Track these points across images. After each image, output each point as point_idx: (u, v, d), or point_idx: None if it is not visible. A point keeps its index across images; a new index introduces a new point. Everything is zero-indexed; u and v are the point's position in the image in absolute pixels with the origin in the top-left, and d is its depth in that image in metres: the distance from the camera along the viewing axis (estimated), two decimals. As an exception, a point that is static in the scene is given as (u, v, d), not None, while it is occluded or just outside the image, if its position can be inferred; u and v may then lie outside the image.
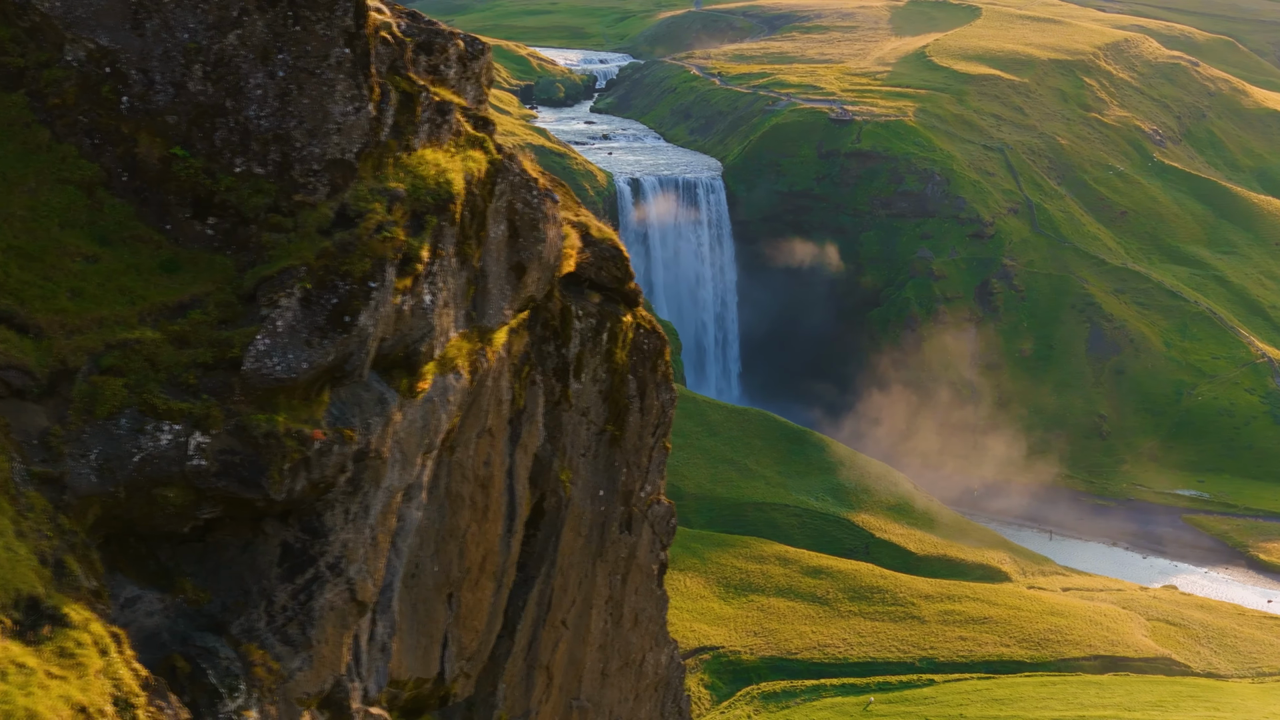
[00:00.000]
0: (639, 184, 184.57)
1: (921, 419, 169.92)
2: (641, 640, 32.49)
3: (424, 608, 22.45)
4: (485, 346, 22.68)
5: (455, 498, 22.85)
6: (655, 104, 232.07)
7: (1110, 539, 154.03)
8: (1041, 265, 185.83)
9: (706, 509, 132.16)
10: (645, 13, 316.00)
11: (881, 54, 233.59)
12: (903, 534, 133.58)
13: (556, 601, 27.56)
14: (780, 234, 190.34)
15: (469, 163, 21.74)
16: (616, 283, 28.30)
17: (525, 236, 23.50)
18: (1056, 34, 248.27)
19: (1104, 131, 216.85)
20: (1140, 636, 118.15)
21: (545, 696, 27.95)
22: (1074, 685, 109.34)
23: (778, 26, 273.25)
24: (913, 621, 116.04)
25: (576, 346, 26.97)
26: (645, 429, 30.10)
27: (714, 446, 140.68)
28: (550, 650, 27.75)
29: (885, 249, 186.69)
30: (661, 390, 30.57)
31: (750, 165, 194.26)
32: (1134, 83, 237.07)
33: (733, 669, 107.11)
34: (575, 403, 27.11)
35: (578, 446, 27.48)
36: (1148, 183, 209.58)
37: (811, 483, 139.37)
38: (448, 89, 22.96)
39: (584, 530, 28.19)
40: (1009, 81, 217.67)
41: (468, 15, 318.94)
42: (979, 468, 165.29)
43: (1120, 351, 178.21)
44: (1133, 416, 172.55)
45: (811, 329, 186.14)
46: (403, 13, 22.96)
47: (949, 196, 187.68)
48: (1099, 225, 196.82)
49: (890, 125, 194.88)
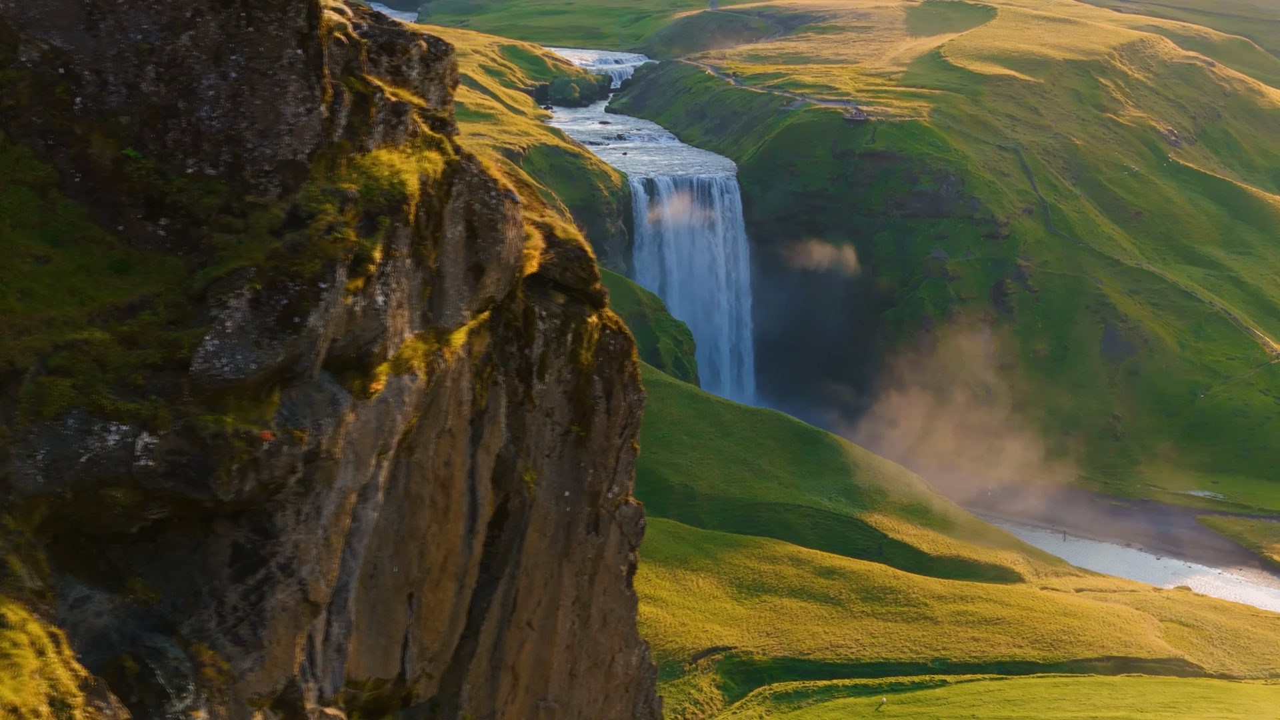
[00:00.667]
0: (653, 184, 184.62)
1: (936, 420, 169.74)
2: (611, 641, 32.40)
3: (383, 608, 22.43)
4: (443, 347, 22.63)
5: (415, 498, 22.82)
6: (670, 104, 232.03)
7: (1124, 540, 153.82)
8: (1056, 266, 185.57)
9: (719, 509, 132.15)
10: (660, 13, 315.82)
11: (896, 54, 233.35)
12: (916, 535, 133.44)
13: (522, 602, 27.50)
14: (795, 234, 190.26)
15: (425, 163, 21.73)
16: (581, 283, 28.19)
17: (484, 237, 23.43)
18: (1072, 34, 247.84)
19: (1119, 132, 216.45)
20: (1153, 637, 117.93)
21: (511, 697, 27.88)
22: (1086, 686, 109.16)
23: (793, 27, 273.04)
24: (925, 622, 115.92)
25: (540, 347, 26.89)
26: (612, 430, 30.00)
27: (727, 447, 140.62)
28: (516, 651, 27.68)
29: (900, 249, 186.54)
30: (629, 391, 30.47)
31: (765, 165, 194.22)
32: (1149, 83, 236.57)
33: (745, 669, 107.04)
34: (539, 403, 27.04)
35: (542, 447, 27.42)
36: (1163, 183, 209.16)
37: (825, 483, 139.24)
38: (409, 90, 22.92)
39: (549, 531, 28.11)
40: (1024, 82, 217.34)
41: (483, 15, 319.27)
42: (993, 468, 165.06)
43: (1135, 352, 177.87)
44: (1147, 417, 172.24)
45: (826, 329, 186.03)
46: (366, 13, 22.92)
47: (963, 197, 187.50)
48: (1114, 226, 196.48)
49: (905, 125, 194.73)
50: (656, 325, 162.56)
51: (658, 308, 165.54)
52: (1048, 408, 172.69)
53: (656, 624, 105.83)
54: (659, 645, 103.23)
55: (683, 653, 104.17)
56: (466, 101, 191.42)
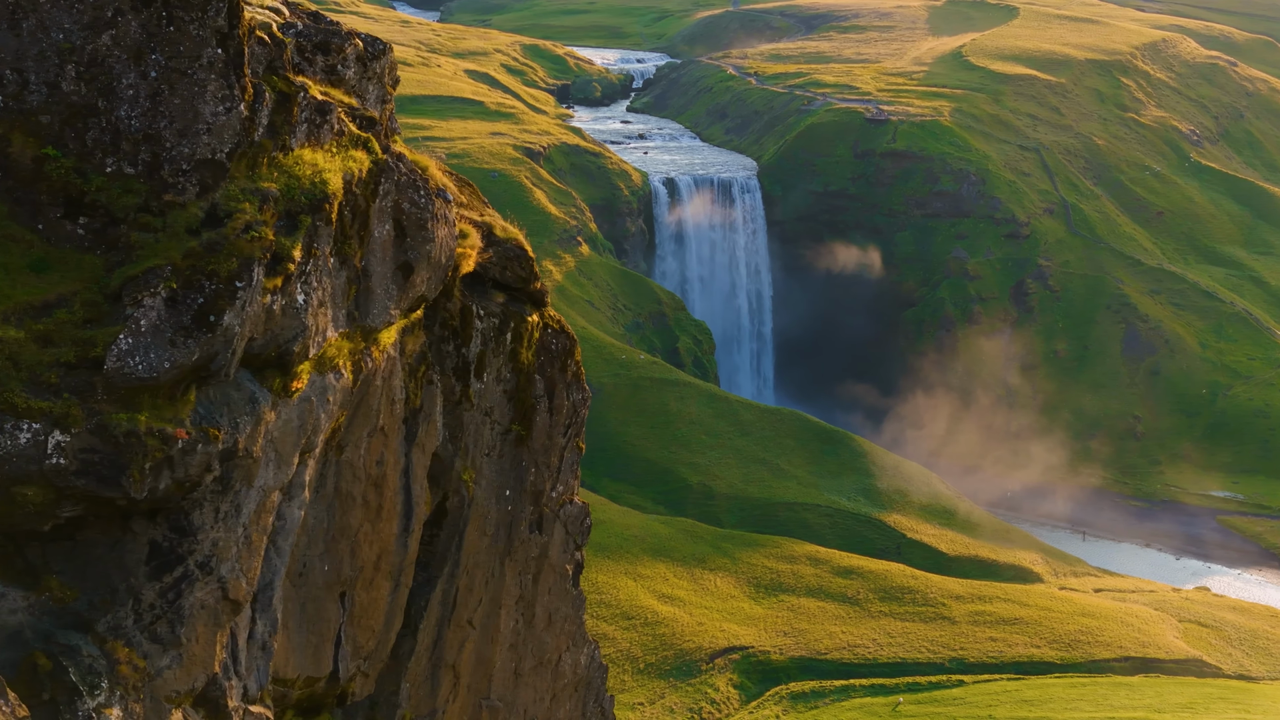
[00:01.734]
0: (674, 183, 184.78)
1: (956, 420, 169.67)
2: (557, 640, 32.53)
3: (313, 606, 22.63)
4: (370, 346, 22.82)
5: (346, 497, 23.01)
6: (691, 104, 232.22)
7: (1144, 540, 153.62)
8: (1077, 266, 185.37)
9: (738, 509, 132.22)
10: (683, 12, 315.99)
11: (918, 54, 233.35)
12: (935, 534, 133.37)
13: (462, 601, 27.69)
14: (815, 234, 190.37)
15: (350, 162, 21.92)
16: (521, 282, 28.42)
17: (413, 236, 23.58)
18: (1094, 34, 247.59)
19: (1141, 132, 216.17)
20: (1172, 638, 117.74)
21: (453, 696, 28.07)
22: (1104, 687, 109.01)
23: (815, 26, 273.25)
24: (943, 622, 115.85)
25: (478, 346, 27.05)
26: (555, 429, 30.18)
27: (746, 446, 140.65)
28: (457, 650, 27.86)
29: (920, 249, 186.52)
30: (572, 390, 30.65)
31: (786, 165, 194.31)
32: (1171, 83, 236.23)
33: (762, 669, 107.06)
34: (477, 402, 27.18)
35: (481, 446, 27.56)
36: (1184, 183, 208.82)
37: (844, 483, 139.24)
38: (344, 89, 23.21)
39: (489, 530, 28.27)
40: (1045, 81, 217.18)
41: (505, 15, 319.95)
42: (1014, 469, 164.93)
43: (1156, 352, 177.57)
44: (1168, 418, 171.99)
45: (847, 329, 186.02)
46: (306, 12, 23.23)
47: (984, 197, 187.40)
48: (1135, 225, 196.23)
49: (926, 125, 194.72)
50: (676, 324, 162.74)
51: (677, 307, 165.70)
52: (1068, 408, 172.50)
53: (674, 623, 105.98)
54: (676, 645, 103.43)
55: (700, 652, 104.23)
56: (487, 101, 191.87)
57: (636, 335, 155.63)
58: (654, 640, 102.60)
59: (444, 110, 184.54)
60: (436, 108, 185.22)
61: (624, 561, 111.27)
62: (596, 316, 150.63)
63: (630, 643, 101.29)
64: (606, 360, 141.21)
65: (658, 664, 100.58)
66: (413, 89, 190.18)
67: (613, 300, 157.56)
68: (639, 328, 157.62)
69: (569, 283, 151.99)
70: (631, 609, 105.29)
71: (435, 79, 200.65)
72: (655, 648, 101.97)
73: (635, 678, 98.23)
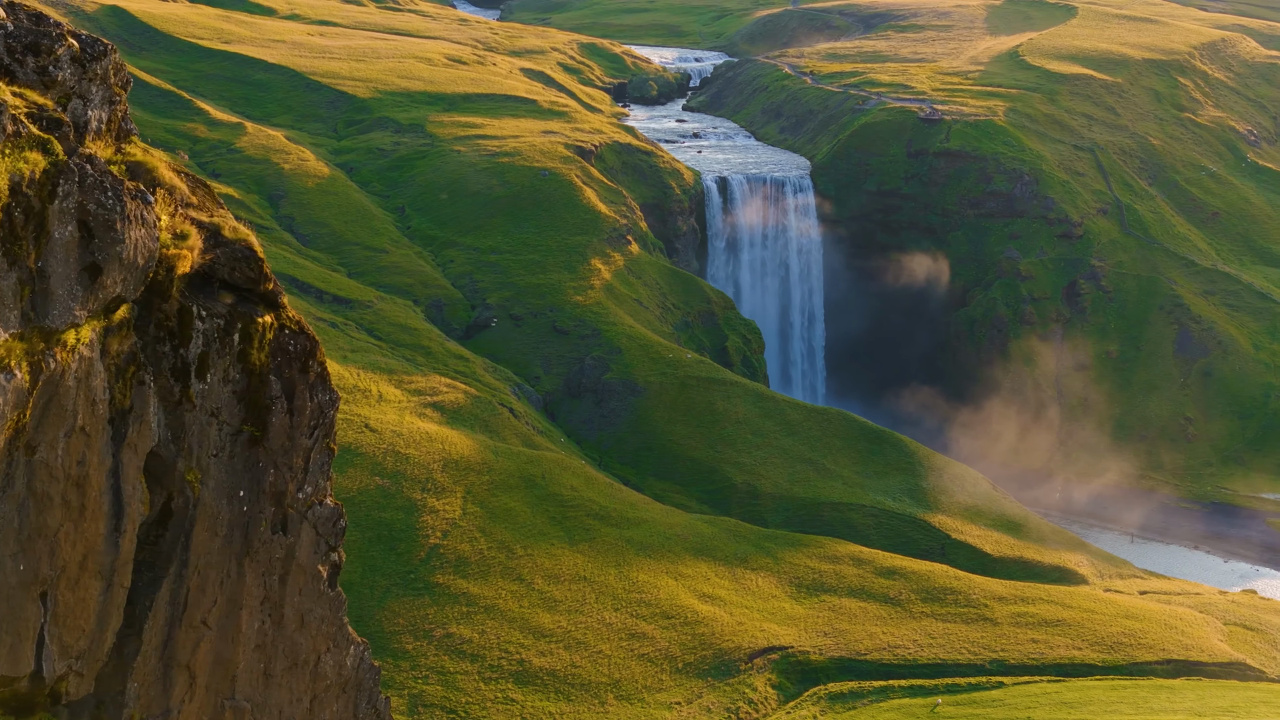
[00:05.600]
0: (726, 182, 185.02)
1: (1006, 419, 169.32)
2: (313, 641, 32.30)
3: (7, 606, 22.62)
4: (53, 347, 22.75)
5: (41, 497, 22.97)
6: (747, 103, 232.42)
7: (1193, 542, 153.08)
8: (1130, 266, 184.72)
9: (783, 508, 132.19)
10: (742, 11, 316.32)
11: (975, 53, 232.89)
12: (979, 535, 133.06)
13: (194, 601, 27.63)
14: (869, 233, 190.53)
15: (20, 164, 21.81)
16: (250, 283, 28.16)
17: (101, 238, 23.42)
18: (1152, 33, 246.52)
19: (1197, 132, 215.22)
20: (1215, 641, 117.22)
21: (189, 696, 28.02)
22: (1145, 689, 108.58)
23: (874, 25, 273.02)
24: (984, 623, 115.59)
25: (200, 347, 26.90)
26: (297, 430, 29.99)
27: (792, 446, 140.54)
28: (190, 650, 27.83)
29: (973, 249, 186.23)
30: (316, 391, 30.38)
31: (839, 164, 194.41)
32: (1230, 83, 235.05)
33: (801, 669, 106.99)
34: (201, 403, 27.09)
35: (207, 447, 27.48)
36: (1241, 184, 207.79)
37: (890, 483, 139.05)
38: (57, 92, 23.28)
39: (221, 530, 28.18)
40: (1102, 81, 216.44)
41: (566, 13, 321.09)
42: (1062, 469, 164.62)
43: (1208, 354, 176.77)
44: (1220, 419, 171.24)
45: (898, 329, 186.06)
46: (29, 14, 23.34)
47: (1038, 196, 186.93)
48: (1190, 226, 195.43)
49: (979, 125, 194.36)
50: (725, 324, 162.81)
51: (727, 306, 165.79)
52: (1119, 409, 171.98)
53: (714, 623, 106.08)
54: (715, 644, 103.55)
55: (739, 652, 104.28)
56: (540, 99, 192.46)
57: (685, 334, 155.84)
58: (693, 640, 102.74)
59: (497, 109, 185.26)
60: (489, 106, 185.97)
61: (665, 561, 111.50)
62: (645, 315, 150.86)
63: (669, 642, 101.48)
64: (653, 359, 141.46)
65: (696, 663, 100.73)
66: (466, 87, 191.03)
67: (661, 299, 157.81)
68: (688, 326, 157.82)
69: (618, 281, 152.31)
70: (671, 608, 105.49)
71: (489, 77, 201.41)
72: (694, 647, 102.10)
73: (673, 677, 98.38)
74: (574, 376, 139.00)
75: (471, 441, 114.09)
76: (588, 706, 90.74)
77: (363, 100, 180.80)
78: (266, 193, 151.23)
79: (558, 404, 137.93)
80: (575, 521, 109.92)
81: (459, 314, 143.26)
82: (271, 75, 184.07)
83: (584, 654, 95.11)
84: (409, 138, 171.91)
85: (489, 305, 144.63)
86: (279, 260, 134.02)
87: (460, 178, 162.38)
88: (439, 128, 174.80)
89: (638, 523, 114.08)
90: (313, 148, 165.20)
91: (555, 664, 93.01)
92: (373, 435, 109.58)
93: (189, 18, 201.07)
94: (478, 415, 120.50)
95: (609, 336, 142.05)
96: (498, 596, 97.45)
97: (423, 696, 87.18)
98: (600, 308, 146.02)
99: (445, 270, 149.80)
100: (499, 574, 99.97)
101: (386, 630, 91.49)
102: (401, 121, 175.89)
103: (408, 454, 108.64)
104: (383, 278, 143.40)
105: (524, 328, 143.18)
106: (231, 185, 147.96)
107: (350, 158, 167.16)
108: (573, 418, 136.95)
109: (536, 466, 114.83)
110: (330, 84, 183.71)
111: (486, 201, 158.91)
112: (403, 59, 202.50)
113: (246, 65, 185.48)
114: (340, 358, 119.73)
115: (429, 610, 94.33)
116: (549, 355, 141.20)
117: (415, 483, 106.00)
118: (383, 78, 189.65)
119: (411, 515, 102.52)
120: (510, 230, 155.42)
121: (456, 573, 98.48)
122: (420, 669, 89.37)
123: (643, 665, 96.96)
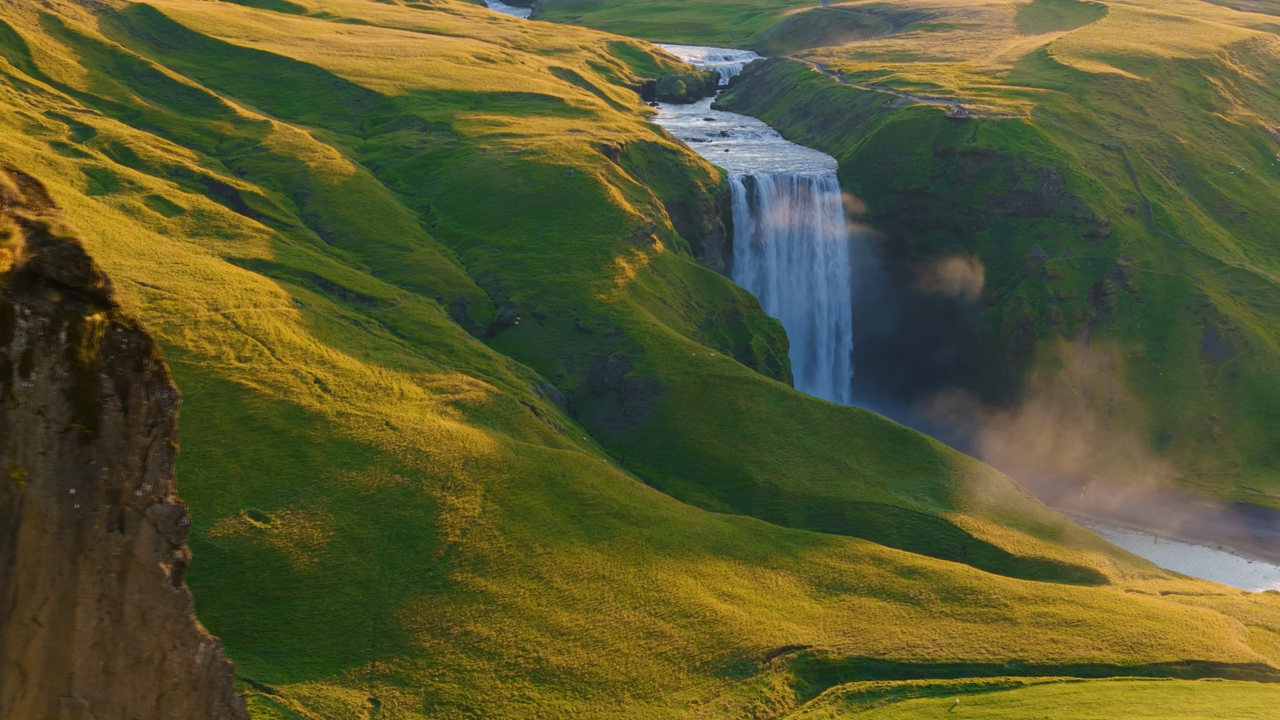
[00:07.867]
0: (753, 181, 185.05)
1: (1031, 419, 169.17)
2: (156, 639, 32.03)
3: None
4: None
5: None
6: (775, 101, 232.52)
7: (1217, 543, 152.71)
8: (1157, 266, 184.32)
9: (804, 507, 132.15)
10: (773, 9, 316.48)
11: (1004, 52, 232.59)
12: (1001, 535, 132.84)
13: (23, 599, 27.54)
14: (895, 232, 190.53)
15: None
16: (79, 282, 27.96)
17: None
18: (1183, 33, 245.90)
19: (1226, 131, 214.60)
20: (1236, 642, 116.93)
21: (20, 693, 27.92)
22: (1164, 690, 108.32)
23: (903, 24, 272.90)
24: (1004, 623, 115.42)
25: (23, 345, 26.71)
26: (133, 428, 29.88)
27: (815, 445, 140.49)
28: (21, 647, 27.74)
29: (1000, 248, 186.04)
30: (153, 389, 30.20)
31: (866, 163, 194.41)
32: (1260, 82, 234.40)
33: (819, 668, 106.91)
34: (25, 401, 26.96)
35: (34, 445, 27.34)
36: (1270, 183, 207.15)
37: (912, 482, 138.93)
38: None
39: (51, 528, 28.08)
40: (1130, 80, 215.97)
41: (597, 12, 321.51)
42: (1087, 469, 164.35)
43: (1235, 354, 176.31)
44: (1246, 420, 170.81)
45: (924, 328, 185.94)
46: None
47: (1065, 196, 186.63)
48: (1217, 226, 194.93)
49: (1007, 124, 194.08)
50: (750, 322, 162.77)
51: (751, 305, 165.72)
52: (1145, 409, 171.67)
53: (732, 621, 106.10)
54: (733, 643, 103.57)
55: (757, 651, 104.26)
56: (567, 98, 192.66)
57: (709, 333, 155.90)
58: (711, 638, 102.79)
59: (523, 107, 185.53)
60: (515, 104, 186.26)
61: (685, 559, 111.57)
62: (669, 314, 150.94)
63: (687, 641, 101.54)
64: (676, 358, 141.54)
65: (714, 662, 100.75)
66: (493, 85, 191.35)
67: (686, 298, 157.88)
68: (712, 325, 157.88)
69: (641, 280, 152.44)
70: (690, 607, 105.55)
71: (517, 75, 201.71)
72: (712, 646, 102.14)
73: (690, 676, 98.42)
74: (596, 375, 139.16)
75: (492, 440, 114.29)
76: (604, 705, 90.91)
77: (389, 99, 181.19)
78: (292, 191, 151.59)
79: (580, 402, 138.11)
80: (595, 520, 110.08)
81: (482, 312, 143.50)
82: (299, 73, 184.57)
83: (601, 652, 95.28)
84: (435, 136, 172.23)
85: (512, 303, 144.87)
86: (303, 258, 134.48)
87: (485, 176, 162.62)
88: (465, 126, 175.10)
89: (658, 521, 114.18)
90: (339, 146, 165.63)
91: (572, 662, 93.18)
92: (393, 433, 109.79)
93: (218, 16, 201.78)
94: (499, 413, 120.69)
95: (632, 335, 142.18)
96: (516, 595, 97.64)
97: (439, 694, 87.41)
98: (624, 306, 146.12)
99: (469, 268, 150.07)
100: (517, 572, 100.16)
101: (404, 628, 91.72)
102: (428, 120, 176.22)
103: (428, 452, 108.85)
104: (407, 276, 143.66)
105: (547, 326, 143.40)
106: (257, 183, 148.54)
107: (376, 156, 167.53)
108: (595, 416, 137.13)
109: (557, 465, 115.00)
110: (357, 82, 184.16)
111: (511, 200, 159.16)
112: (430, 57, 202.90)
113: (274, 63, 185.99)
114: (362, 356, 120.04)
115: (447, 608, 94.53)
116: (572, 354, 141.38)
117: (435, 480, 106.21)
118: (410, 76, 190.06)
119: (431, 513, 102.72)
120: (534, 228, 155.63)
121: (475, 571, 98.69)
122: (437, 667, 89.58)
123: (660, 664, 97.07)
